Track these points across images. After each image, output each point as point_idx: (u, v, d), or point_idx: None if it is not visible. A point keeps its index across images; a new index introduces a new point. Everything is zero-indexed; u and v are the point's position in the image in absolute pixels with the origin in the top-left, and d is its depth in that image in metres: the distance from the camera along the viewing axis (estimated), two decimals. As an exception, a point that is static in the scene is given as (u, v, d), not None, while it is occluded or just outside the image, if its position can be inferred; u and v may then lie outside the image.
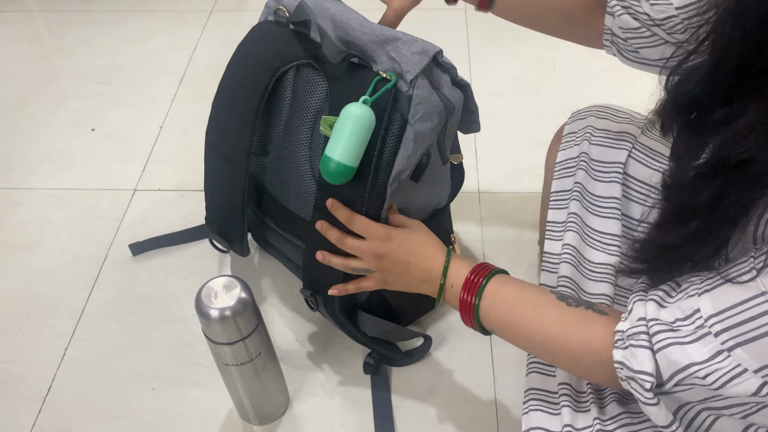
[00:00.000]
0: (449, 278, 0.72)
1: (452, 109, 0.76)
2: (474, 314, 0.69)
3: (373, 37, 0.74)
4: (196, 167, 1.29)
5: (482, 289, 0.68)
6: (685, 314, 0.51)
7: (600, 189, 0.83)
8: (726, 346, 0.48)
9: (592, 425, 0.65)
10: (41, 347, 1.01)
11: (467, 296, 0.69)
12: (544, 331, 0.64)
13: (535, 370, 0.74)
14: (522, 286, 0.68)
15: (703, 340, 0.49)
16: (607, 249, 0.80)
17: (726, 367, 0.48)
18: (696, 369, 0.50)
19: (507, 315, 0.67)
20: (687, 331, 0.51)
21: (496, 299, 0.68)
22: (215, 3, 1.72)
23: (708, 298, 0.50)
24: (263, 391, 0.86)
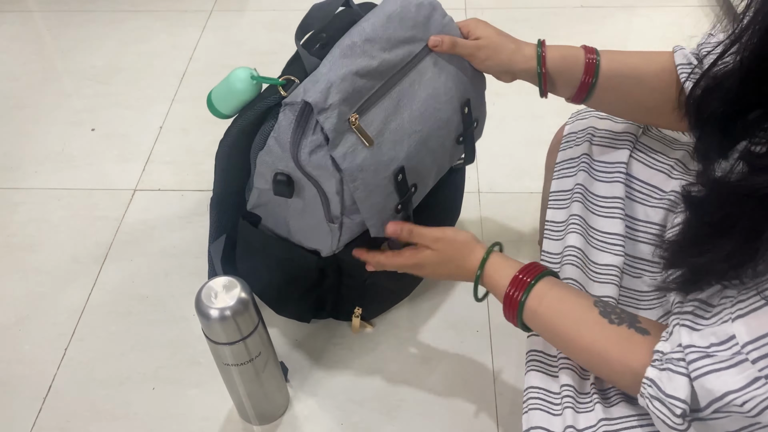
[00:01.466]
0: (487, 271, 0.73)
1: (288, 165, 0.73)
2: (518, 310, 0.69)
3: (359, 38, 0.74)
4: (196, 167, 1.29)
5: (531, 287, 0.68)
6: (720, 339, 0.51)
7: (603, 189, 0.83)
8: (764, 373, 0.48)
9: (597, 426, 0.64)
10: (41, 347, 1.01)
11: (514, 292, 0.69)
12: (585, 349, 0.64)
13: (533, 368, 0.73)
14: (569, 294, 0.68)
15: (740, 366, 0.49)
16: (611, 249, 0.80)
17: (763, 395, 0.48)
18: (733, 397, 0.49)
19: (551, 325, 0.67)
20: (723, 357, 0.50)
21: (543, 302, 0.67)
22: (215, 3, 1.72)
23: (743, 324, 0.50)
24: (263, 391, 0.86)
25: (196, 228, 1.17)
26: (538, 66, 0.77)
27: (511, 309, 0.70)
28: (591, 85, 0.77)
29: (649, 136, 0.84)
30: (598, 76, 0.76)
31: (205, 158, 1.30)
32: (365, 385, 0.95)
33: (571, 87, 0.78)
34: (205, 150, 1.32)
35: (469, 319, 1.02)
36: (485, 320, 1.02)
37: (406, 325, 1.01)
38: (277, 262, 0.89)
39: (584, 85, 0.77)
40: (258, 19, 1.66)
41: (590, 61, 0.76)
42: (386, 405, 0.92)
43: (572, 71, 0.77)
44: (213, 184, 0.86)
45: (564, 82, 0.78)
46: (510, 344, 0.98)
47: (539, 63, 0.77)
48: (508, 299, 0.69)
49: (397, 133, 0.76)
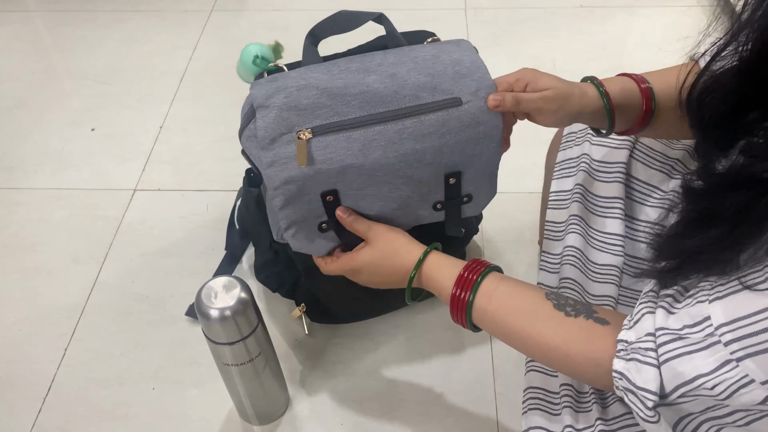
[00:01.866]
0: (425, 268, 0.70)
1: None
2: (467, 311, 0.66)
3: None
4: (196, 167, 1.29)
5: (477, 285, 0.65)
6: (694, 320, 0.50)
7: (602, 189, 0.83)
8: (735, 356, 0.47)
9: (594, 425, 0.65)
10: (41, 347, 1.01)
11: (460, 293, 0.66)
12: (543, 345, 0.62)
13: (533, 368, 0.74)
14: (518, 289, 0.65)
15: (712, 348, 0.49)
16: (610, 249, 0.80)
17: (733, 378, 0.47)
18: (703, 381, 0.49)
19: (504, 324, 0.64)
20: (695, 339, 0.50)
21: (492, 300, 0.65)
22: (215, 3, 1.72)
23: (719, 305, 0.49)
24: (263, 391, 0.86)
25: (196, 228, 1.17)
26: (605, 103, 0.71)
27: (459, 311, 0.67)
28: (652, 112, 0.72)
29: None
30: (655, 101, 0.72)
31: (204, 158, 1.30)
32: (365, 385, 0.95)
33: (631, 118, 0.73)
34: (205, 150, 1.32)
35: (469, 319, 1.02)
36: (485, 320, 1.02)
37: (406, 325, 1.01)
38: (251, 220, 0.99)
39: (646, 113, 0.72)
40: (258, 19, 1.66)
41: (645, 89, 0.72)
42: (386, 405, 0.92)
43: (632, 103, 0.72)
44: None
45: (624, 114, 0.73)
46: (510, 344, 0.98)
47: (604, 98, 0.71)
48: (455, 300, 0.66)
49: (350, 169, 0.71)
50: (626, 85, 0.72)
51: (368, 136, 0.70)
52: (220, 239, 1.13)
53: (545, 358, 0.63)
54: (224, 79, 1.47)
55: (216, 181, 1.25)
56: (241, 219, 1.11)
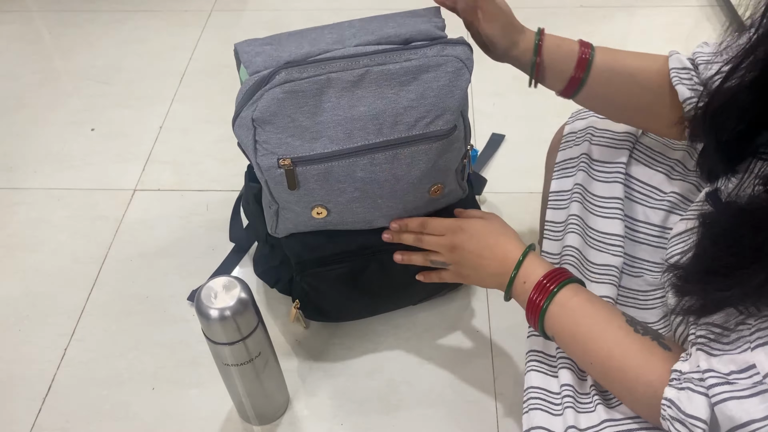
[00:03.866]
0: (522, 274, 0.71)
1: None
2: (539, 317, 0.68)
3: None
4: (196, 167, 1.29)
5: (553, 295, 0.67)
6: (740, 368, 0.50)
7: (601, 189, 0.83)
8: None
9: (600, 426, 0.64)
10: (41, 347, 1.01)
11: (537, 298, 0.68)
12: (605, 352, 0.62)
13: (533, 368, 0.73)
14: (594, 300, 0.66)
15: (762, 396, 0.48)
16: (609, 249, 0.80)
17: None
18: (757, 426, 0.48)
19: (573, 326, 0.65)
20: (744, 385, 0.50)
21: (566, 308, 0.66)
22: (215, 3, 1.72)
23: (763, 353, 0.49)
24: (263, 391, 0.86)
25: (196, 228, 1.17)
26: (534, 55, 0.75)
27: (533, 315, 0.69)
28: (581, 81, 0.76)
29: (649, 136, 0.84)
30: (589, 71, 0.75)
31: (204, 158, 1.30)
32: (365, 385, 0.95)
33: (561, 80, 0.77)
34: (205, 150, 1.32)
35: (469, 319, 1.02)
36: (485, 320, 1.02)
37: (406, 325, 1.01)
38: (251, 213, 0.99)
39: (575, 80, 0.76)
40: (258, 19, 1.66)
41: (584, 56, 0.75)
42: (386, 405, 0.92)
43: (565, 64, 0.75)
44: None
45: (555, 74, 0.77)
46: (510, 344, 0.98)
47: (535, 52, 0.75)
48: (531, 304, 0.69)
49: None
50: (567, 49, 0.75)
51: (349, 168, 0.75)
52: (220, 239, 1.13)
53: (602, 368, 0.63)
54: (224, 79, 1.47)
55: (216, 181, 1.25)
56: (245, 212, 1.11)
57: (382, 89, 0.72)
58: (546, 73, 0.77)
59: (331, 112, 0.72)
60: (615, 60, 0.75)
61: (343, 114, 0.72)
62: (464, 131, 0.79)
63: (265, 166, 0.74)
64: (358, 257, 0.86)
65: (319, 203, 0.78)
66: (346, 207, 0.79)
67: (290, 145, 0.72)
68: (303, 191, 0.76)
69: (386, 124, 0.72)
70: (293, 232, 0.86)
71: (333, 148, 0.72)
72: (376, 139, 0.73)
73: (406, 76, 0.72)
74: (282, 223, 0.84)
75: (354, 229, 0.84)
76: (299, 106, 0.71)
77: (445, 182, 0.81)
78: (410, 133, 0.73)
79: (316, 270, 0.87)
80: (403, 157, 0.74)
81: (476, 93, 1.40)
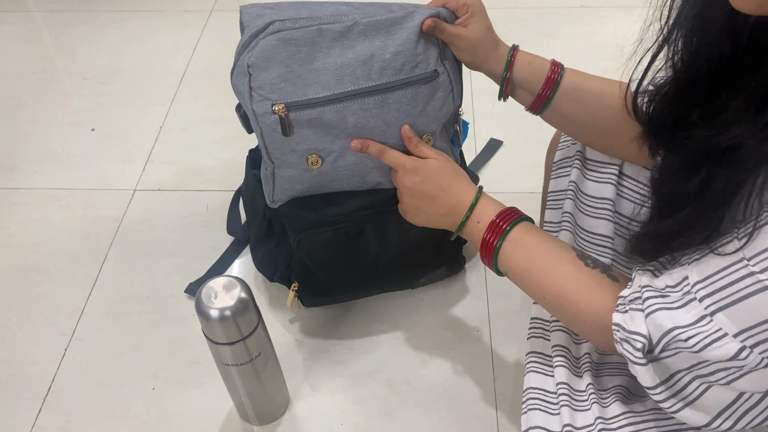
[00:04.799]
0: (475, 215, 0.73)
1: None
2: (494, 255, 0.71)
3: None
4: (196, 167, 1.29)
5: (506, 233, 0.70)
6: (675, 282, 0.54)
7: (593, 189, 0.83)
8: (708, 311, 0.50)
9: (594, 424, 0.65)
10: (41, 347, 1.01)
11: (491, 237, 0.71)
12: (558, 285, 0.66)
13: (533, 369, 0.74)
14: (546, 237, 0.70)
15: (689, 305, 0.51)
16: (597, 250, 0.80)
17: (707, 331, 0.50)
18: (679, 332, 0.51)
19: (526, 263, 0.69)
20: (675, 297, 0.53)
21: (519, 245, 0.69)
22: (215, 3, 1.72)
23: (696, 266, 0.52)
24: (263, 391, 0.86)
25: (196, 228, 1.17)
26: (504, 70, 0.78)
27: (488, 253, 0.72)
28: (548, 99, 0.79)
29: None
30: (556, 90, 0.78)
31: (205, 158, 1.30)
32: (365, 385, 0.95)
33: (530, 95, 0.80)
34: (205, 150, 1.32)
35: (468, 319, 1.02)
36: (485, 320, 1.02)
37: (405, 326, 1.01)
38: (251, 196, 1.00)
39: (541, 97, 0.79)
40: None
41: (552, 75, 0.78)
42: (386, 405, 0.92)
43: (534, 81, 0.79)
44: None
45: (524, 90, 0.80)
46: (510, 344, 0.98)
47: (506, 68, 0.78)
48: (485, 244, 0.72)
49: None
50: (538, 67, 0.79)
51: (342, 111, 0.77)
52: (220, 239, 1.13)
53: (555, 301, 0.66)
54: (224, 79, 1.46)
55: (216, 181, 1.25)
56: (244, 198, 1.12)
57: (369, 38, 0.76)
58: (515, 88, 0.80)
59: (323, 60, 0.75)
60: (583, 81, 0.78)
61: (333, 61, 0.75)
62: (451, 84, 0.81)
63: (260, 112, 0.76)
64: (353, 218, 0.87)
65: (313, 151, 0.80)
66: (340, 155, 0.81)
67: (284, 91, 0.75)
68: (297, 138, 0.78)
69: (374, 69, 0.76)
70: (290, 195, 0.87)
71: (324, 93, 0.75)
72: (366, 83, 0.76)
73: (392, 26, 0.76)
74: (279, 185, 0.86)
75: (349, 188, 0.85)
76: (292, 53, 0.75)
77: (435, 136, 0.83)
78: (397, 77, 0.77)
79: (312, 233, 0.87)
80: (392, 102, 0.77)
81: (476, 94, 1.40)
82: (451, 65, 0.81)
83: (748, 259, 0.48)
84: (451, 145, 0.90)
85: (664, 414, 0.65)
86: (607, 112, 0.76)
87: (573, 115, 0.80)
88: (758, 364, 0.49)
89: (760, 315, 0.47)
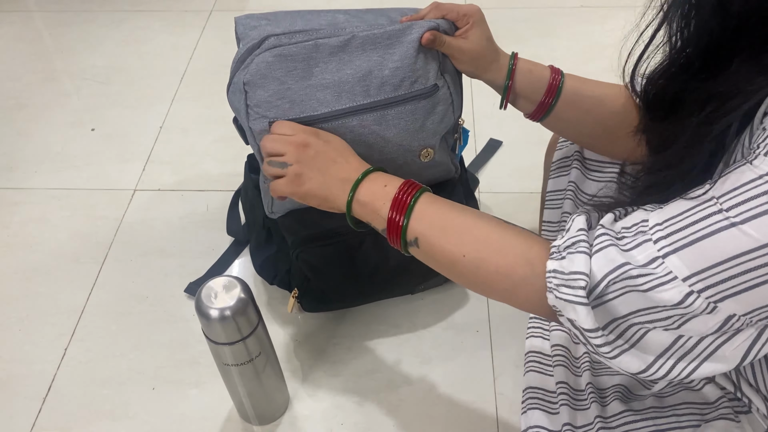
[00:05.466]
0: (382, 177, 0.67)
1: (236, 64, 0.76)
2: (406, 213, 0.63)
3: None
4: (196, 167, 1.29)
5: (421, 192, 0.64)
6: (632, 223, 0.51)
7: (594, 188, 0.83)
8: (662, 253, 0.48)
9: (593, 423, 0.65)
10: (41, 347, 1.01)
11: (402, 195, 0.63)
12: (481, 238, 0.59)
13: (532, 368, 0.74)
14: (455, 204, 0.64)
15: (642, 246, 0.49)
16: None
17: (658, 273, 0.48)
18: (629, 267, 0.49)
19: (443, 220, 0.62)
20: (629, 239, 0.51)
21: (435, 203, 0.63)
22: (215, 3, 1.72)
23: (659, 211, 0.51)
24: (263, 391, 0.86)
25: (197, 228, 1.17)
26: (506, 79, 0.77)
27: (400, 212, 0.63)
28: (551, 106, 0.78)
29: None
30: (559, 97, 0.77)
31: (205, 158, 1.30)
32: (365, 385, 0.95)
33: (531, 104, 0.79)
34: (205, 150, 1.32)
35: (468, 319, 1.02)
36: (485, 320, 1.02)
37: (406, 326, 1.01)
38: (250, 203, 1.00)
39: (544, 104, 0.78)
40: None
41: (554, 82, 0.77)
42: (386, 405, 0.92)
43: (535, 89, 0.78)
44: None
45: (525, 99, 0.79)
46: (510, 344, 0.98)
47: (508, 76, 0.77)
48: (397, 202, 0.63)
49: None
50: (539, 74, 0.78)
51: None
52: (220, 239, 1.13)
53: (477, 256, 0.59)
54: (224, 78, 1.47)
55: (216, 181, 1.25)
56: (243, 203, 1.13)
57: (367, 53, 0.75)
58: (517, 97, 0.79)
59: (320, 75, 0.74)
60: (584, 86, 0.78)
61: (331, 77, 0.74)
62: (451, 96, 0.80)
63: (257, 129, 0.75)
64: (353, 232, 0.87)
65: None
66: None
67: (280, 108, 0.74)
68: None
69: (373, 85, 0.75)
70: (289, 208, 0.87)
71: (322, 110, 0.74)
72: (364, 100, 0.75)
73: (390, 40, 0.75)
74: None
75: None
76: (288, 69, 0.73)
77: (435, 148, 0.83)
78: (396, 94, 0.76)
79: (311, 246, 0.87)
80: (390, 118, 0.77)
81: (476, 94, 1.40)
82: (452, 77, 0.80)
83: (718, 197, 0.46)
84: (451, 153, 0.89)
85: (663, 412, 0.65)
86: (608, 115, 0.76)
87: (574, 121, 0.79)
88: (704, 311, 0.47)
89: (716, 256, 0.45)
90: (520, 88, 0.78)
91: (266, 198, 0.88)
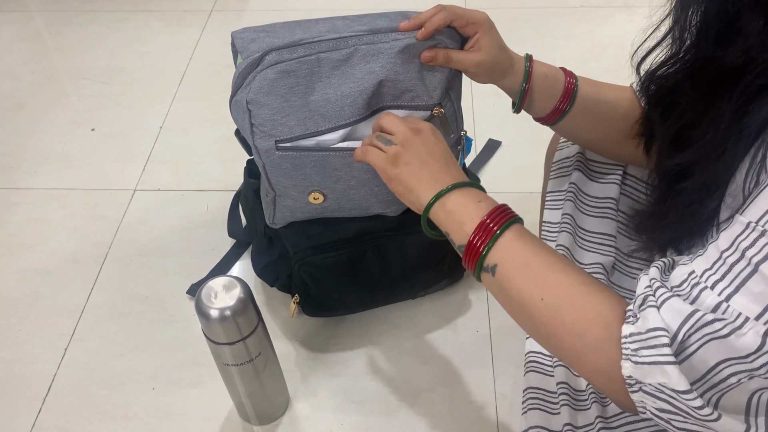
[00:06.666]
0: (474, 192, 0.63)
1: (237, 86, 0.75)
2: (490, 240, 0.59)
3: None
4: (196, 167, 1.29)
5: (513, 221, 0.60)
6: (681, 280, 0.48)
7: (596, 189, 0.83)
8: (724, 296, 0.45)
9: (594, 423, 0.65)
10: (41, 347, 1.01)
11: (490, 222, 0.59)
12: (566, 285, 0.54)
13: (532, 368, 0.74)
14: (542, 242, 0.60)
15: (701, 296, 0.46)
16: (599, 249, 0.80)
17: (729, 319, 0.44)
18: (702, 314, 0.45)
19: (529, 256, 0.57)
20: (686, 292, 0.47)
21: (522, 237, 0.59)
22: (215, 3, 1.72)
23: (698, 258, 0.48)
24: (263, 391, 0.86)
25: (197, 228, 1.17)
26: (523, 82, 0.74)
27: (485, 237, 0.59)
28: (564, 111, 0.76)
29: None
30: (574, 101, 0.75)
31: (205, 158, 1.30)
32: (365, 385, 0.95)
33: (545, 108, 0.77)
34: (205, 150, 1.32)
35: (469, 319, 1.02)
36: (485, 320, 1.02)
37: (406, 325, 1.01)
38: (250, 210, 1.00)
39: (558, 110, 0.76)
40: (258, 19, 1.65)
41: (569, 86, 0.75)
42: (386, 405, 0.92)
43: (551, 94, 0.76)
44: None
45: (541, 102, 0.76)
46: (510, 344, 0.98)
47: (525, 79, 0.74)
48: (482, 226, 0.60)
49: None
50: (554, 78, 0.76)
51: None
52: (220, 239, 1.13)
53: (555, 302, 0.55)
54: (224, 79, 1.47)
55: (216, 181, 1.25)
56: (243, 208, 1.12)
57: (369, 65, 0.74)
58: (534, 100, 0.76)
59: (323, 90, 0.74)
60: (598, 91, 0.76)
61: (334, 92, 0.74)
62: (454, 113, 0.80)
63: (263, 148, 0.75)
64: (354, 244, 0.87)
65: (316, 188, 0.79)
66: (343, 194, 0.80)
67: (286, 126, 0.74)
68: (300, 176, 0.78)
69: (374, 97, 0.75)
70: (291, 220, 0.87)
71: (327, 125, 0.74)
72: (366, 112, 0.75)
73: (393, 52, 0.74)
74: (279, 212, 0.85)
75: (350, 216, 0.85)
76: (291, 86, 0.73)
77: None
78: (395, 103, 0.76)
79: (313, 258, 0.87)
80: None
81: (476, 94, 1.40)
82: (456, 94, 0.79)
83: (756, 221, 0.43)
84: None
85: None
86: (621, 119, 0.75)
87: (587, 125, 0.78)
88: None
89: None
90: (536, 93, 0.75)
91: (268, 209, 0.87)
